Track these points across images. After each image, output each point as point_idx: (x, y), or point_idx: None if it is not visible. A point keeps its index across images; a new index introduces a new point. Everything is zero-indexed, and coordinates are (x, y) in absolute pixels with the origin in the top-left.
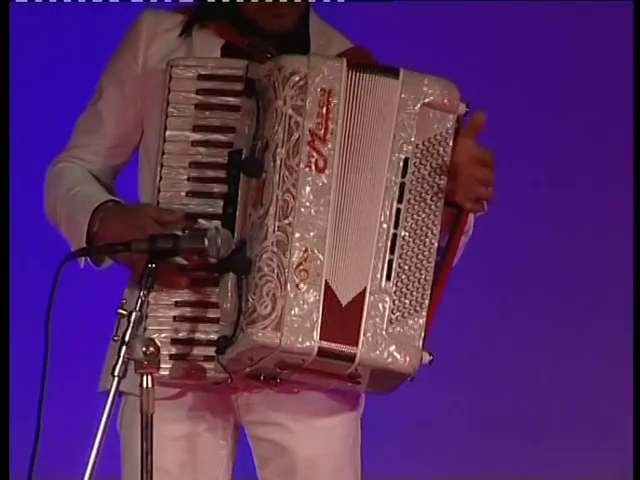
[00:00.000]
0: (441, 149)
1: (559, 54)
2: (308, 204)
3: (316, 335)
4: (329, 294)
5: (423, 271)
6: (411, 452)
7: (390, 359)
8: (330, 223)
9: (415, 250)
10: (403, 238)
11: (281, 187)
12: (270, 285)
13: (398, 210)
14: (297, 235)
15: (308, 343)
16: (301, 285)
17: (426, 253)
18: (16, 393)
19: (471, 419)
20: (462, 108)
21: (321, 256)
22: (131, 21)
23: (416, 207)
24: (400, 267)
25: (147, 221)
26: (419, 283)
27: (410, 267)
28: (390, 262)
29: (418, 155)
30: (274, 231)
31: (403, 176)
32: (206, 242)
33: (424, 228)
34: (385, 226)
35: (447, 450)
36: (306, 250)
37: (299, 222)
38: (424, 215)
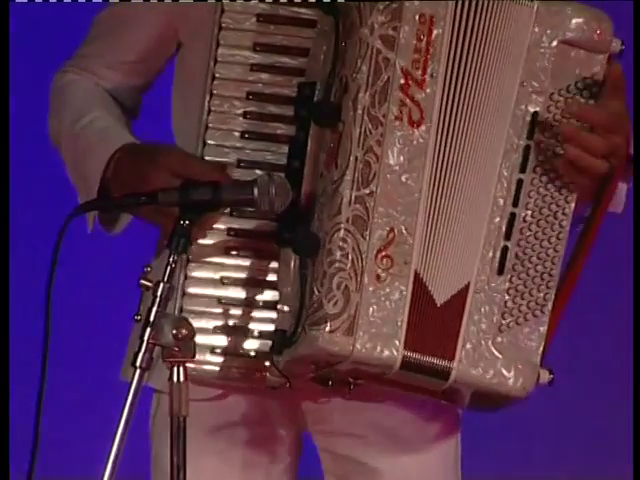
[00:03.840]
0: (584, 101)
1: None
2: (397, 168)
3: (400, 343)
4: (420, 290)
5: (548, 263)
6: None
7: (496, 379)
8: (424, 195)
9: (539, 235)
10: (524, 219)
11: (362, 145)
12: (342, 275)
13: (519, 182)
14: (380, 210)
15: (388, 353)
16: (383, 276)
17: (553, 240)
18: (17, 391)
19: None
20: (616, 45)
21: (410, 239)
22: None
23: (544, 178)
24: (517, 258)
25: (162, 175)
26: (541, 279)
27: (531, 257)
28: (504, 250)
29: (552, 109)
30: (350, 203)
31: (529, 137)
32: (255, 192)
33: (553, 206)
34: (501, 202)
35: None
36: (391, 230)
37: (383, 192)
38: (554, 189)
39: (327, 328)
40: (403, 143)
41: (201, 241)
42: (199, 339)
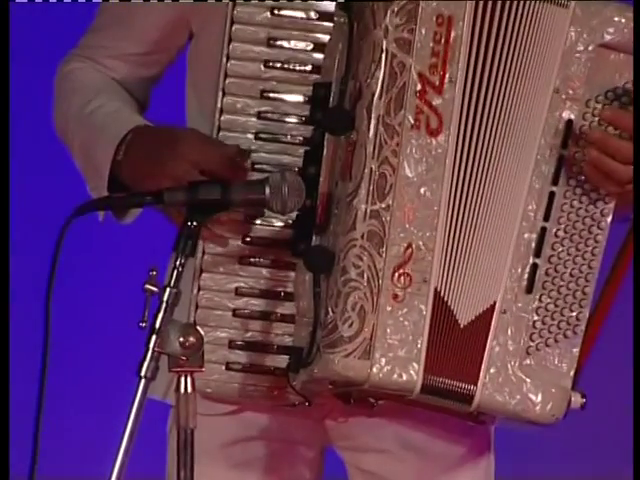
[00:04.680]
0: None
1: None
2: (414, 180)
3: (420, 366)
4: (441, 309)
5: (582, 280)
6: None
7: (521, 406)
8: (444, 208)
9: (572, 251)
10: (556, 235)
11: (377, 156)
12: (357, 294)
13: (551, 195)
14: (397, 224)
15: (407, 377)
16: (400, 295)
17: (587, 255)
18: (17, 391)
19: None
20: None
21: (430, 255)
22: None
23: (578, 191)
24: (548, 275)
25: (181, 165)
26: (574, 298)
27: (563, 275)
28: (534, 268)
29: (587, 116)
30: (365, 218)
31: (563, 146)
32: (267, 191)
33: (587, 220)
34: (531, 216)
35: None
36: (409, 246)
37: (400, 206)
38: (588, 202)
39: (342, 352)
40: (420, 153)
41: (215, 249)
42: (213, 354)
